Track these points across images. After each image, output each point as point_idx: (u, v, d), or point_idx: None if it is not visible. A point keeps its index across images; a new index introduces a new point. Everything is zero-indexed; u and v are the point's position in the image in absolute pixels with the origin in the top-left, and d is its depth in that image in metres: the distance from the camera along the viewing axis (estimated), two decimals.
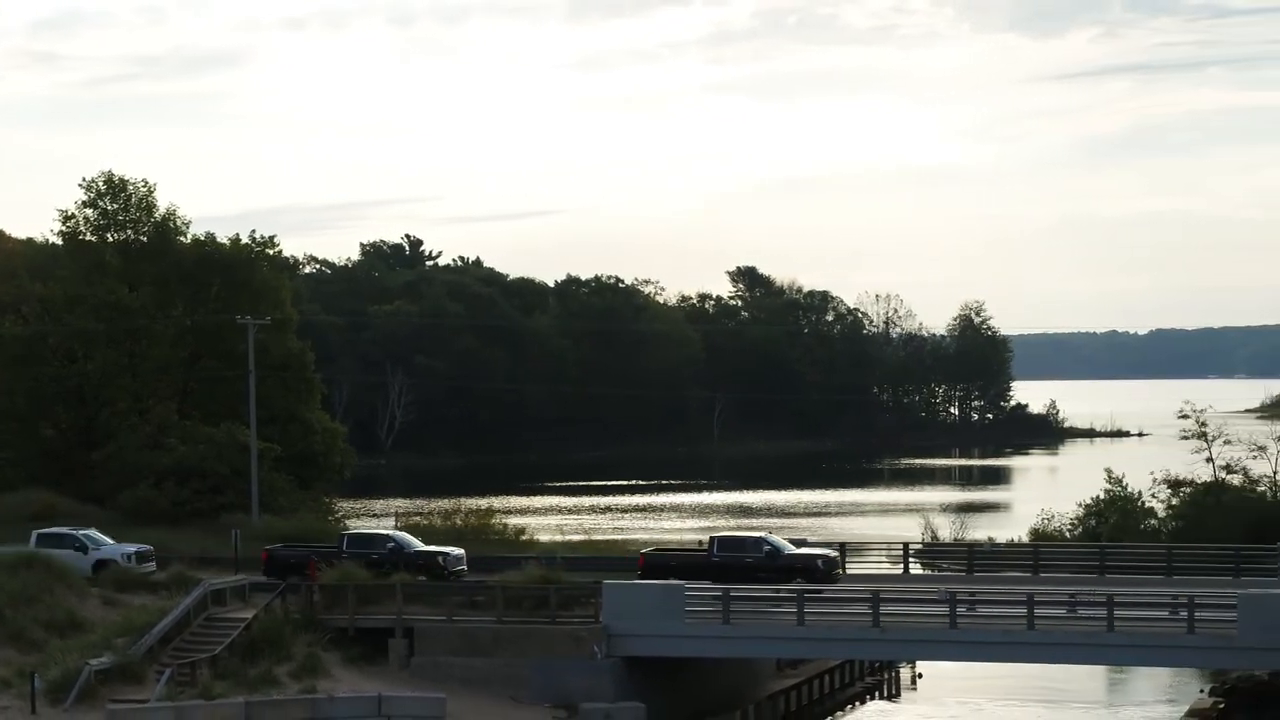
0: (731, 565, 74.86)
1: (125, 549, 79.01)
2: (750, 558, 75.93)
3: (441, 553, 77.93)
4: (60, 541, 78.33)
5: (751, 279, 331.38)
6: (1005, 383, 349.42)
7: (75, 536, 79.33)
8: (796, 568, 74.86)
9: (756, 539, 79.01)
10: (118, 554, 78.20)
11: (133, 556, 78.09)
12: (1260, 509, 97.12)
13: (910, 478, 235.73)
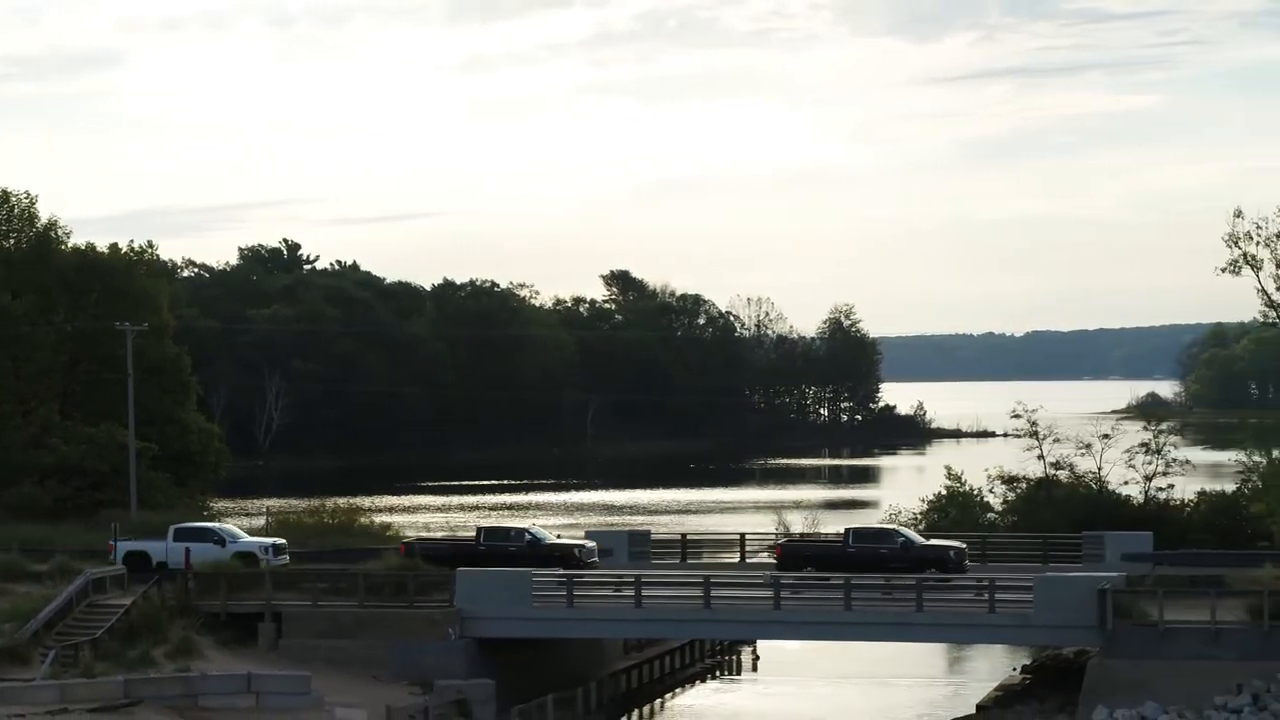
0: (866, 556, 78.44)
1: (263, 543, 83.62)
2: (885, 549, 79.42)
3: (578, 545, 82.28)
4: (200, 536, 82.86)
5: (625, 282, 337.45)
6: (874, 384, 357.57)
7: (214, 531, 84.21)
8: (929, 559, 78.47)
9: (891, 531, 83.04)
10: (256, 547, 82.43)
11: (270, 549, 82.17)
12: (1086, 502, 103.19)
13: (780, 477, 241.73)
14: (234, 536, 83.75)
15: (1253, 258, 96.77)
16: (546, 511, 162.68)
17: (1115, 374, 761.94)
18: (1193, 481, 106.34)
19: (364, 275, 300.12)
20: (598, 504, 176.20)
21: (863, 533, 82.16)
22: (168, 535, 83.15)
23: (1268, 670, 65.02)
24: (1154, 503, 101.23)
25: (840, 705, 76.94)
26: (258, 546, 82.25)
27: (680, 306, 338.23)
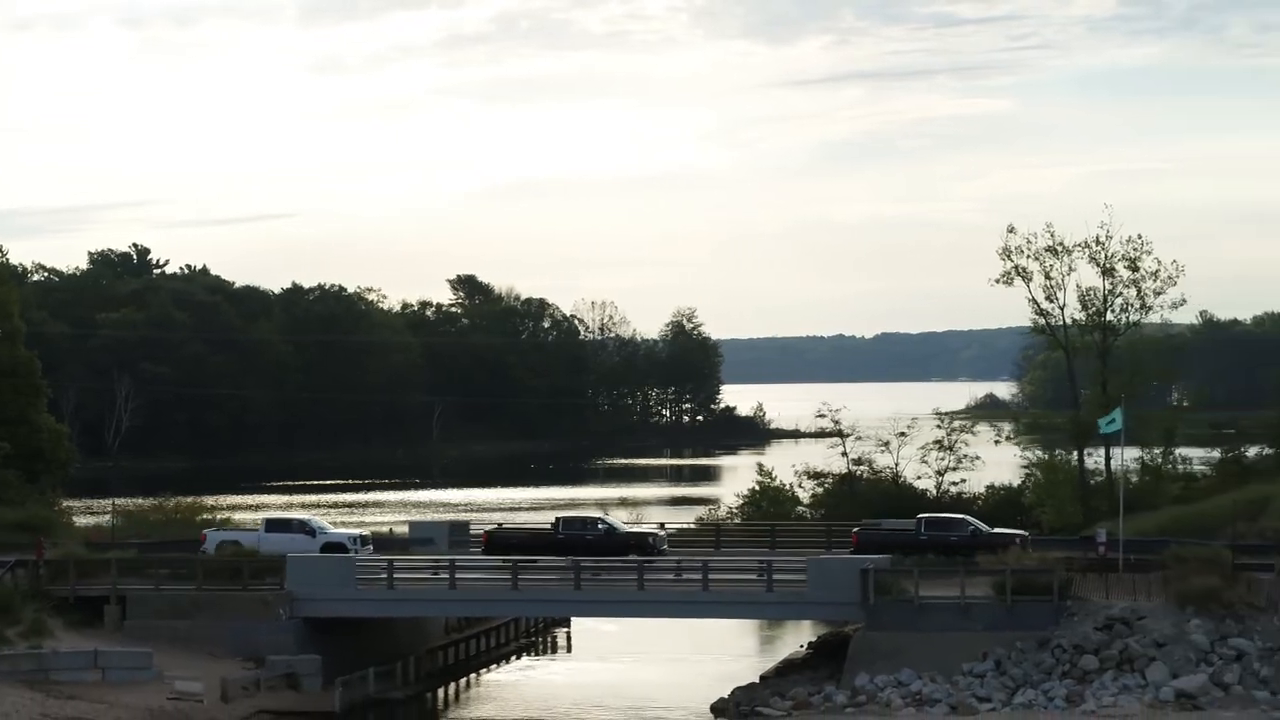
0: (939, 543, 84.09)
1: (351, 534, 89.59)
2: (955, 536, 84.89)
3: (651, 533, 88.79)
4: (289, 527, 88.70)
5: (471, 286, 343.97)
6: (715, 386, 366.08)
7: (304, 522, 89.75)
8: (999, 545, 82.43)
9: (963, 520, 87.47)
10: (344, 538, 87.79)
11: (358, 540, 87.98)
12: (885, 494, 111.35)
13: (623, 476, 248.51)
14: (323, 529, 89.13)
15: (1023, 270, 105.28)
16: (387, 509, 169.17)
17: (963, 375, 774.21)
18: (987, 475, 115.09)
19: (213, 280, 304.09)
20: (437, 502, 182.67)
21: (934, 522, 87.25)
22: (260, 526, 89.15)
23: (1009, 639, 73.28)
24: (947, 495, 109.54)
25: (637, 678, 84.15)
26: (346, 537, 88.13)
27: (525, 310, 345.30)
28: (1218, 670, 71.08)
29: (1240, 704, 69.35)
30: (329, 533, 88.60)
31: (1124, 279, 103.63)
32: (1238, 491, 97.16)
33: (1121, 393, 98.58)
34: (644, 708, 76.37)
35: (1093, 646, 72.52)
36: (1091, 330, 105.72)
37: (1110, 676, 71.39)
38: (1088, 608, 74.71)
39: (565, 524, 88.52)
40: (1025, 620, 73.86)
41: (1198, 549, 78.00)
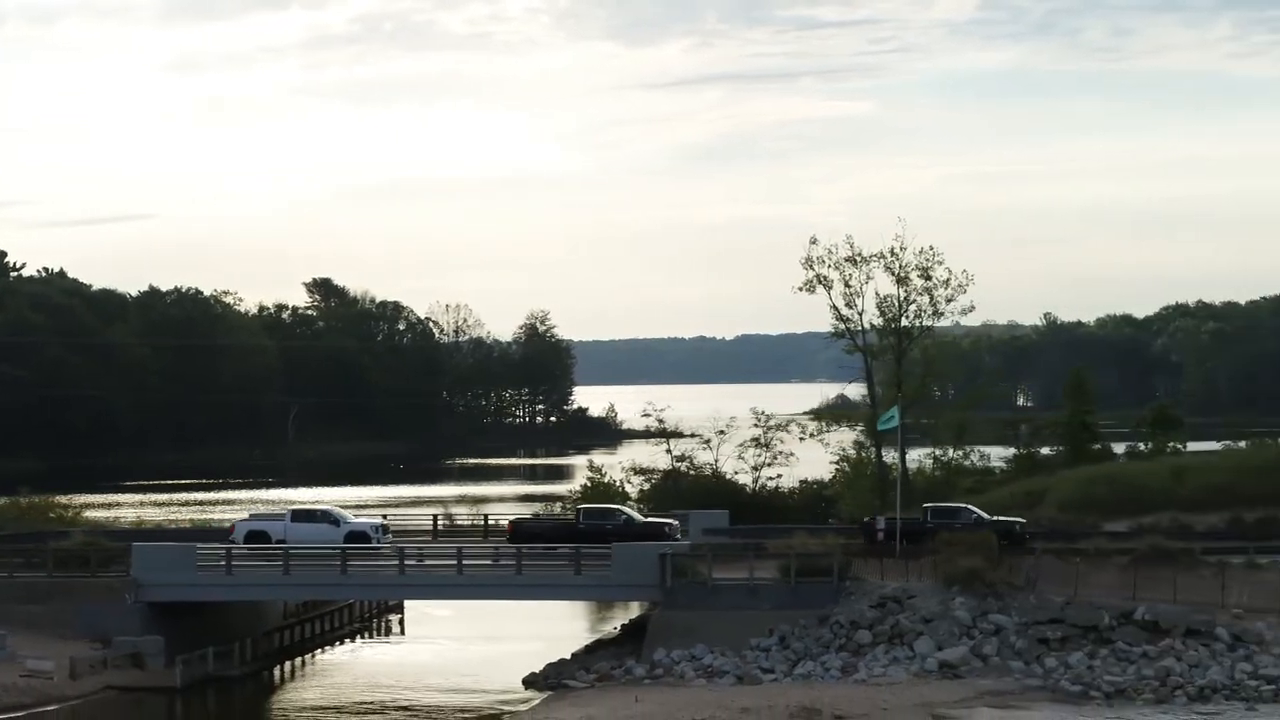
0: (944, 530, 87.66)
1: (373, 523, 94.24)
2: (959, 523, 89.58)
3: (666, 523, 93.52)
4: (314, 517, 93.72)
5: (327, 289, 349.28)
6: (568, 387, 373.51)
7: (328, 512, 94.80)
8: (999, 532, 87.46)
9: (966, 508, 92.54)
10: (367, 527, 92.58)
11: (379, 529, 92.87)
12: (706, 488, 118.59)
13: (477, 475, 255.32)
14: (345, 519, 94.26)
15: (825, 278, 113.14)
16: (238, 507, 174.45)
17: (821, 377, 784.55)
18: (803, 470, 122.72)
19: (71, 283, 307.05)
20: (289, 500, 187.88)
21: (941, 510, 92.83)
22: (286, 517, 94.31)
23: (793, 617, 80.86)
24: (764, 490, 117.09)
25: (460, 657, 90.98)
26: (368, 526, 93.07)
27: (380, 313, 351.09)
28: (978, 643, 78.88)
29: (997, 673, 77.04)
30: (351, 522, 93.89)
31: (917, 287, 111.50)
32: (1020, 484, 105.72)
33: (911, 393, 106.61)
34: (462, 682, 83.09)
35: (867, 622, 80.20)
36: (888, 334, 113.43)
37: (882, 649, 79.00)
38: (864, 588, 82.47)
39: (587, 514, 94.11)
40: (808, 599, 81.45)
41: (965, 534, 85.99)
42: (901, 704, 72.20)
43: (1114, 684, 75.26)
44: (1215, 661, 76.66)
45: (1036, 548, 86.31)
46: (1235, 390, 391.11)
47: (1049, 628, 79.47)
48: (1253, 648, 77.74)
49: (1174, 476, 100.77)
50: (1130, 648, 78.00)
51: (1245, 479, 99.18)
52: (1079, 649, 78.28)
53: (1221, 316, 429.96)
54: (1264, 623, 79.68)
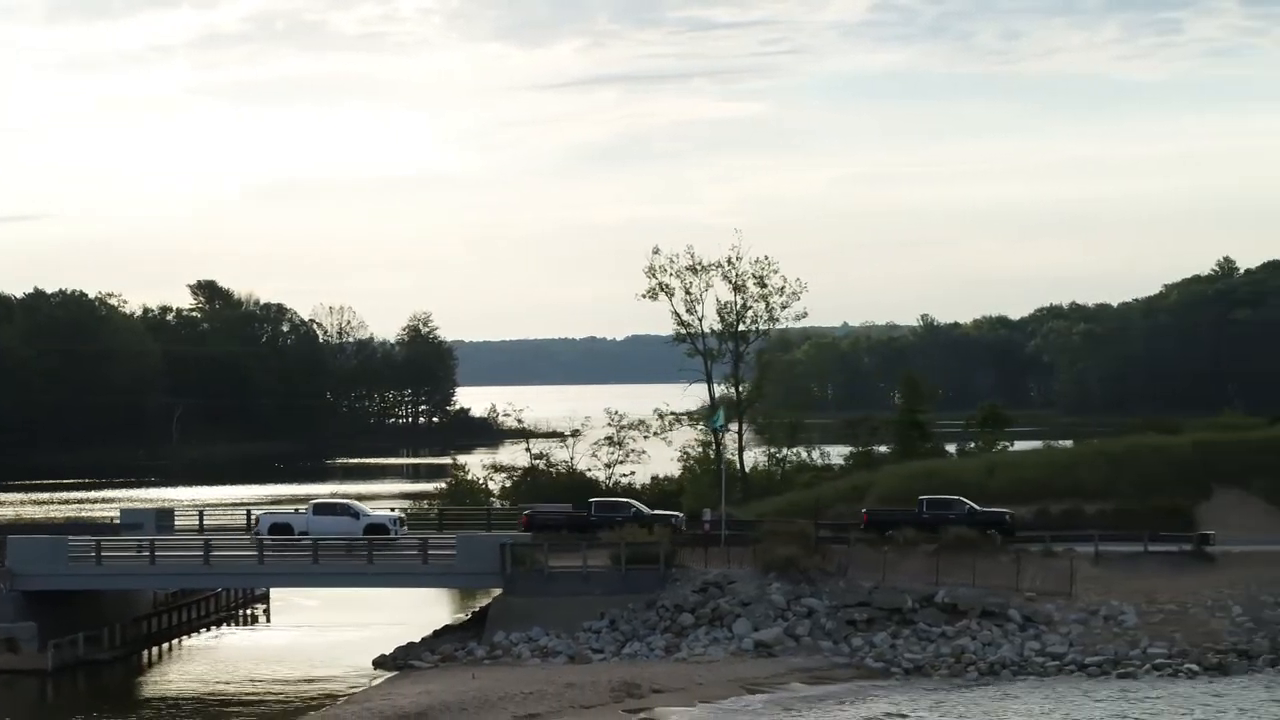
0: (939, 521, 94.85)
1: (391, 515, 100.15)
2: (953, 514, 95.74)
3: (674, 515, 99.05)
4: (335, 510, 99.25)
5: (212, 291, 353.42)
6: (450, 388, 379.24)
7: (348, 506, 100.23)
8: (990, 522, 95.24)
9: (958, 500, 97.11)
10: (386, 520, 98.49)
11: (398, 521, 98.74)
12: (561, 484, 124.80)
13: (360, 474, 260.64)
14: (365, 512, 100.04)
15: (666, 286, 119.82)
16: (118, 505, 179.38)
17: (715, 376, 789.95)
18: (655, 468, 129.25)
19: None
20: (170, 499, 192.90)
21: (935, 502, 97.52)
22: (308, 510, 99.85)
23: (623, 601, 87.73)
24: (618, 486, 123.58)
25: (319, 641, 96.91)
26: (387, 519, 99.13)
27: (264, 315, 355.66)
28: (791, 624, 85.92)
29: (807, 652, 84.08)
30: (371, 515, 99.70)
31: (754, 294, 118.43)
32: (849, 479, 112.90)
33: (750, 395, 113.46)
34: (316, 665, 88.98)
35: (690, 606, 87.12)
36: (726, 339, 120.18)
37: (703, 631, 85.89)
38: (689, 574, 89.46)
39: (598, 507, 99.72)
40: (636, 585, 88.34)
41: (786, 524, 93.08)
42: (717, 679, 78.95)
43: (913, 661, 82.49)
44: (1007, 640, 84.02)
45: (849, 537, 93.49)
46: (1106, 390, 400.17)
47: (857, 610, 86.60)
48: (1042, 627, 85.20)
49: (988, 472, 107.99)
50: (930, 628, 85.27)
51: (1053, 475, 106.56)
52: (884, 629, 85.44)
53: (1093, 318, 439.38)
54: (1053, 604, 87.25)
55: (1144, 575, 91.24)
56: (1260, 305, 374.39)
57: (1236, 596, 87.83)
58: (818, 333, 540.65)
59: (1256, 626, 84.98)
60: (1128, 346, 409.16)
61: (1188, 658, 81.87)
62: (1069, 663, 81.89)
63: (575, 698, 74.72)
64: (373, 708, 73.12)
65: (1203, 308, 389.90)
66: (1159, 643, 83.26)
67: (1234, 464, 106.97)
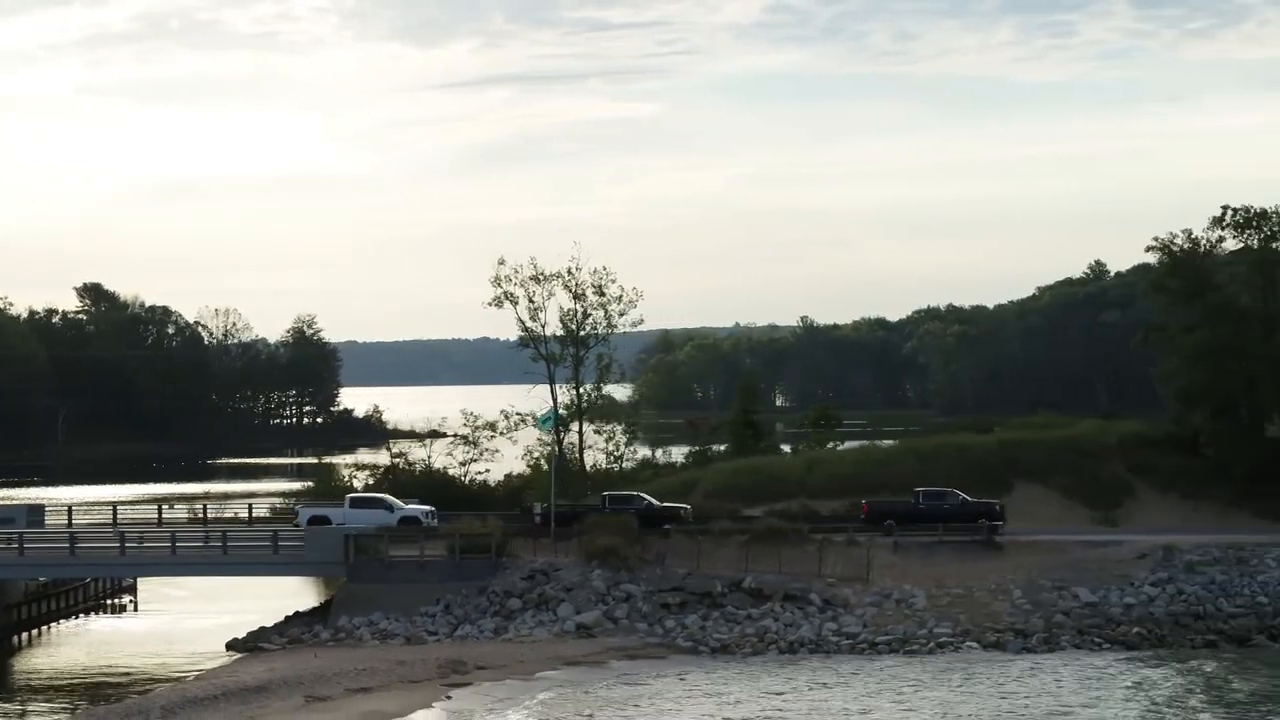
0: (934, 512, 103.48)
1: (424, 509, 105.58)
2: (947, 505, 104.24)
3: (682, 507, 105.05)
4: (370, 504, 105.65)
5: (98, 294, 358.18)
6: (334, 389, 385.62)
7: (384, 499, 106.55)
8: (981, 512, 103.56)
9: (953, 492, 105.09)
10: (418, 513, 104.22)
11: (429, 514, 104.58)
12: (419, 482, 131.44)
13: (245, 473, 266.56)
14: (399, 505, 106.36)
15: (511, 295, 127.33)
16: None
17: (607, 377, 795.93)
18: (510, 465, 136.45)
19: None
20: (51, 498, 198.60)
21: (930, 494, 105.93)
22: (345, 503, 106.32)
23: (457, 588, 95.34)
24: (473, 483, 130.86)
25: (181, 627, 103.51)
26: (420, 512, 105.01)
27: (149, 317, 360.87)
28: (611, 608, 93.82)
29: (624, 633, 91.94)
30: (404, 508, 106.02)
31: (593, 303, 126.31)
32: (681, 475, 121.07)
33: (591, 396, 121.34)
34: (173, 648, 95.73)
35: (518, 591, 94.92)
36: (568, 344, 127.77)
37: (530, 614, 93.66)
38: (518, 563, 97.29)
39: (611, 500, 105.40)
40: (470, 573, 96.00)
41: (610, 516, 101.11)
42: (538, 657, 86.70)
43: (720, 640, 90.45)
44: (807, 621, 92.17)
45: (669, 528, 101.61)
46: (979, 391, 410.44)
47: (671, 595, 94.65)
48: (839, 610, 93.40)
49: (807, 469, 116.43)
50: (737, 610, 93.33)
51: (866, 471, 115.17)
52: (695, 612, 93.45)
53: (968, 320, 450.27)
54: (851, 589, 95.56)
55: (937, 563, 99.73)
56: (1129, 307, 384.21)
57: (1018, 581, 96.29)
58: (711, 333, 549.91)
59: (1034, 608, 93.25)
60: (1000, 348, 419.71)
61: (969, 636, 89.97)
62: (861, 641, 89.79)
63: (405, 673, 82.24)
64: (218, 683, 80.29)
65: (1073, 310, 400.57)
66: (944, 623, 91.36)
67: (1034, 461, 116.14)
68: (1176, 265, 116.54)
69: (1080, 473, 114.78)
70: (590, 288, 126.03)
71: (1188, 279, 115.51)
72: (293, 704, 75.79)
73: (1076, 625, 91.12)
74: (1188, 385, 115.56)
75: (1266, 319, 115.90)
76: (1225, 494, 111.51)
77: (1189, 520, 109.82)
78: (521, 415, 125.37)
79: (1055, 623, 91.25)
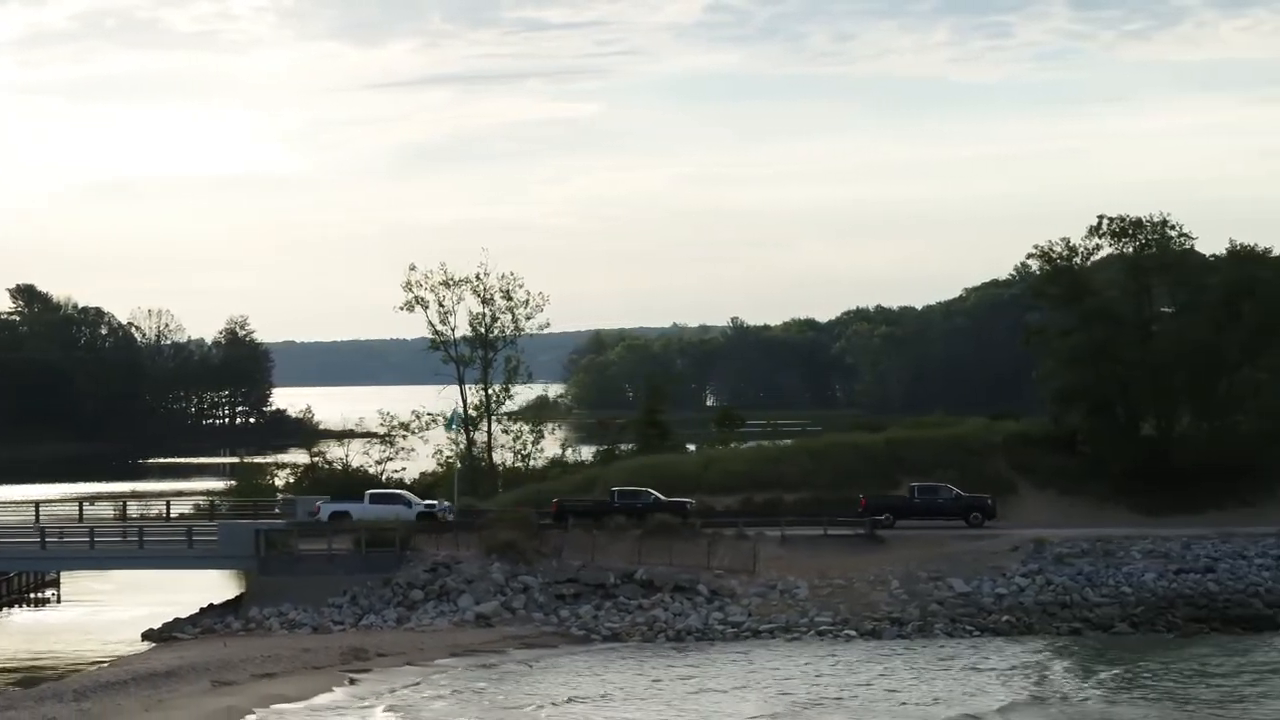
0: (929, 505, 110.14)
1: (443, 504, 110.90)
2: (941, 499, 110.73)
3: (686, 500, 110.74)
4: (390, 499, 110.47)
5: (30, 295, 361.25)
6: (266, 389, 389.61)
7: (401, 495, 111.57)
8: (974, 506, 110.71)
9: (946, 486, 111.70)
10: (437, 507, 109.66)
11: (446, 508, 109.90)
12: (338, 479, 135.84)
13: (178, 472, 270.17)
14: (416, 500, 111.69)
15: (421, 299, 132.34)
16: None
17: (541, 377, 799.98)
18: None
19: None
20: None
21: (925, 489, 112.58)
22: (364, 499, 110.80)
23: (363, 580, 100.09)
24: (390, 480, 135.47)
25: (99, 619, 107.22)
26: (438, 507, 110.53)
27: (82, 319, 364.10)
28: (509, 599, 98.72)
29: (521, 622, 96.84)
30: (420, 503, 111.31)
31: (501, 307, 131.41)
32: (585, 471, 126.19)
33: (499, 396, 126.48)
34: (91, 638, 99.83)
35: (421, 583, 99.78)
36: (477, 346, 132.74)
37: (432, 605, 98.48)
38: (421, 556, 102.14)
39: (620, 495, 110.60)
40: (375, 565, 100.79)
41: (511, 512, 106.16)
42: (437, 645, 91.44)
43: (611, 629, 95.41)
44: (695, 611, 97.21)
45: (568, 522, 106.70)
46: (905, 391, 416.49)
47: (566, 586, 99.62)
48: (726, 600, 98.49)
49: (704, 466, 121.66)
50: (629, 601, 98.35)
51: (759, 468, 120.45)
52: (589, 602, 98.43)
53: (895, 321, 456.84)
54: (737, 580, 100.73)
55: (822, 555, 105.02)
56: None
57: (896, 573, 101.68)
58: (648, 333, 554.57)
59: (910, 598, 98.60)
60: (925, 348, 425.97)
61: (848, 624, 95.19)
62: (746, 629, 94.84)
63: (308, 660, 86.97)
64: (130, 669, 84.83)
65: (999, 311, 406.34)
66: (825, 612, 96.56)
67: (921, 459, 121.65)
68: (1055, 272, 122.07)
69: (965, 470, 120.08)
70: (498, 292, 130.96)
71: (1065, 285, 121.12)
72: (200, 688, 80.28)
73: (950, 614, 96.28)
74: (1064, 386, 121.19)
75: (1141, 324, 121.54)
76: (1101, 490, 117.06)
77: (1066, 515, 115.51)
78: (433, 415, 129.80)
79: (930, 611, 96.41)
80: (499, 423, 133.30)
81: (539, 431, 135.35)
